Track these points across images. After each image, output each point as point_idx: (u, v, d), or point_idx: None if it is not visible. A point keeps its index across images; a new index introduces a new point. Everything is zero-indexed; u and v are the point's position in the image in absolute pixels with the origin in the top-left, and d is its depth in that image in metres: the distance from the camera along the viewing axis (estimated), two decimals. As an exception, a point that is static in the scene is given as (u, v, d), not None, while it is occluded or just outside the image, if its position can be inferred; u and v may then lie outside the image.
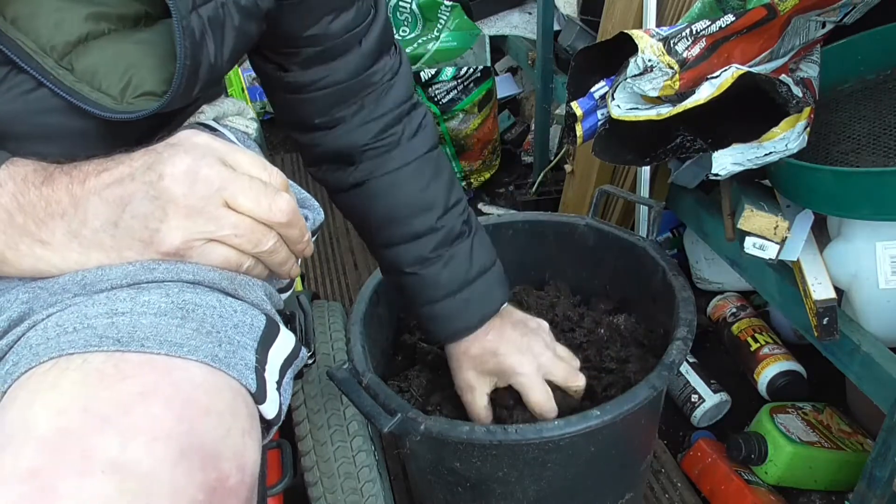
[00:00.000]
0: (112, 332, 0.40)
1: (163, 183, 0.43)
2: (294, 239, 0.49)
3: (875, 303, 0.78)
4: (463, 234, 0.73)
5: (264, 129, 2.23)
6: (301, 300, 0.74)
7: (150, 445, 0.36)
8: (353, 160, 0.70)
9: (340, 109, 0.67)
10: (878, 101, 0.88)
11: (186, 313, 0.42)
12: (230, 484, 0.39)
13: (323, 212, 0.65)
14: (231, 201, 0.45)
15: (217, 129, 0.66)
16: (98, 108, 0.47)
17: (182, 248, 0.45)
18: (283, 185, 0.48)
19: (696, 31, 0.78)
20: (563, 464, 0.73)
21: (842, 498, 1.03)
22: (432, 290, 0.72)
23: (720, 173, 0.77)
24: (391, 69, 0.68)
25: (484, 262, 0.74)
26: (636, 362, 0.84)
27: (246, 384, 0.42)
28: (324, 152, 0.70)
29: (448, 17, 1.76)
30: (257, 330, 0.46)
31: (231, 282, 0.47)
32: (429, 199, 0.71)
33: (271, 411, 0.46)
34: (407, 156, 0.70)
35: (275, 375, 0.47)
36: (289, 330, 0.51)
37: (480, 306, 0.73)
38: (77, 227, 0.44)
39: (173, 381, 0.39)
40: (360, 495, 0.88)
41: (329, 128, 0.68)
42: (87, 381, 0.38)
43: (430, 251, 0.71)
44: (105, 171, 0.44)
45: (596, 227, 0.97)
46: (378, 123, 0.68)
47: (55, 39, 0.46)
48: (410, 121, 0.70)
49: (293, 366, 0.51)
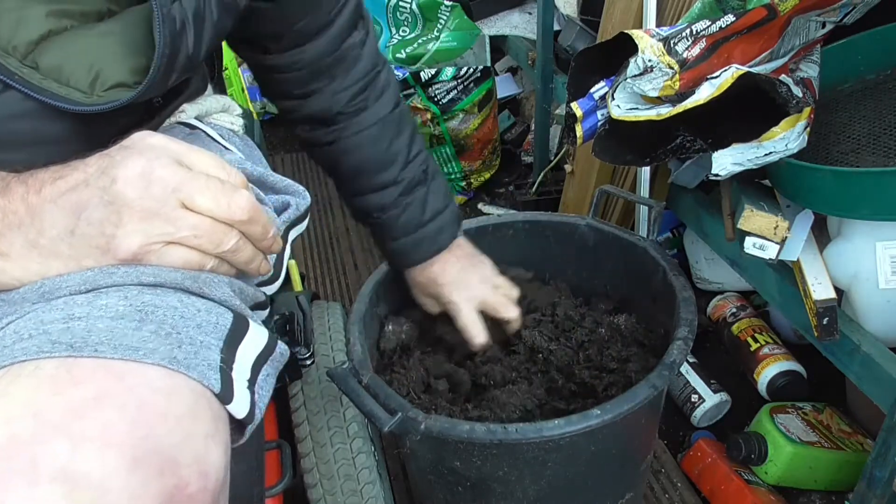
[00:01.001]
0: (66, 338, 0.39)
1: (116, 187, 0.42)
2: (257, 236, 0.48)
3: (875, 303, 0.78)
4: (421, 182, 0.83)
5: (264, 129, 2.23)
6: (301, 300, 0.74)
7: (102, 452, 0.35)
8: (328, 122, 0.78)
9: (315, 83, 0.75)
10: (878, 101, 0.88)
11: (145, 315, 0.41)
12: (190, 490, 0.38)
13: (309, 196, 0.65)
14: (188, 202, 0.44)
15: (197, 128, 0.65)
16: (69, 102, 0.47)
17: (140, 253, 0.44)
18: (242, 183, 0.48)
19: (696, 31, 0.77)
20: (563, 463, 0.73)
21: (842, 498, 1.03)
22: (392, 231, 0.84)
23: (720, 173, 0.77)
24: (360, 42, 0.76)
25: (437, 207, 0.84)
26: (637, 362, 0.84)
27: (209, 385, 0.41)
28: (302, 116, 0.79)
29: (448, 17, 1.76)
30: (223, 328, 0.45)
31: (195, 280, 0.46)
32: (391, 155, 0.80)
33: (241, 411, 0.44)
34: (371, 118, 0.79)
35: (245, 374, 0.46)
36: (273, 325, 0.50)
37: (430, 244, 0.85)
38: (34, 237, 0.43)
39: (128, 385, 0.38)
40: (360, 497, 0.87)
41: (306, 97, 0.76)
42: (39, 387, 0.36)
43: (391, 200, 0.82)
44: (60, 179, 0.44)
45: (596, 227, 0.97)
46: (348, 92, 0.76)
47: (16, 39, 0.46)
48: (375, 86, 0.78)
49: (270, 362, 0.50)
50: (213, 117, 0.70)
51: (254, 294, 0.54)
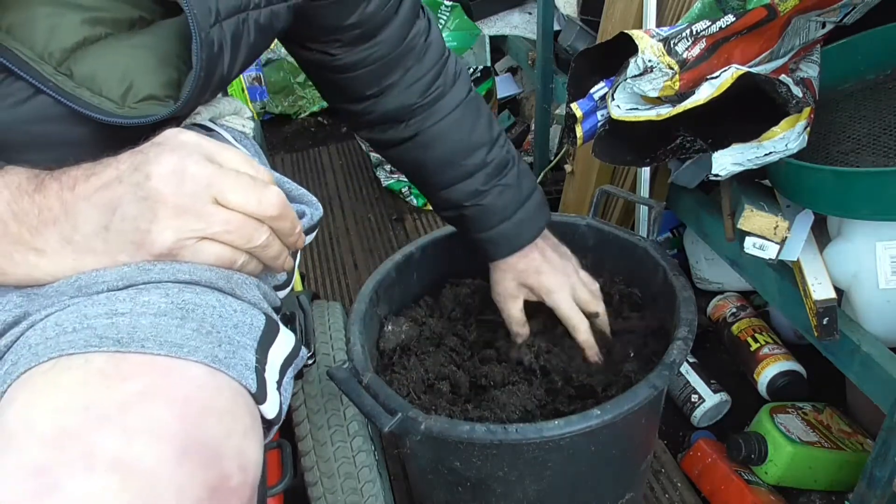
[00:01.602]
0: (112, 333, 0.40)
1: (150, 183, 0.43)
2: (286, 231, 0.49)
3: (875, 303, 0.78)
4: (508, 163, 0.81)
5: (264, 129, 2.23)
6: (301, 300, 0.74)
7: (152, 444, 0.36)
8: (406, 117, 0.76)
9: (389, 78, 0.73)
10: (878, 101, 0.88)
11: (186, 313, 0.42)
12: (232, 484, 0.39)
13: (321, 207, 0.65)
14: (220, 198, 0.44)
15: (213, 130, 0.66)
16: (100, 112, 0.47)
17: (174, 248, 0.44)
18: (271, 179, 0.48)
19: (696, 31, 0.78)
20: (563, 463, 0.73)
21: (842, 498, 1.03)
22: (490, 217, 0.80)
23: (720, 174, 0.77)
24: (425, 30, 0.74)
25: (530, 186, 0.83)
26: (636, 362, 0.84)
27: (246, 384, 0.42)
28: (377, 117, 0.76)
29: (448, 17, 1.76)
30: (257, 330, 0.46)
31: (228, 281, 0.47)
32: (476, 139, 0.78)
33: (272, 411, 0.46)
34: (450, 104, 0.77)
35: (275, 375, 0.47)
36: (288, 329, 0.51)
37: (530, 226, 0.82)
38: (69, 233, 0.44)
39: (174, 381, 0.39)
40: (360, 495, 0.88)
41: (380, 94, 0.74)
42: (88, 380, 0.38)
43: (483, 184, 0.79)
44: (93, 176, 0.44)
45: (596, 227, 0.97)
46: (422, 82, 0.74)
47: (52, 46, 0.46)
48: (447, 72, 0.77)
49: (293, 365, 0.51)
50: (225, 119, 0.70)
51: (273, 299, 0.55)
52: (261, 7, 0.55)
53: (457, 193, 0.80)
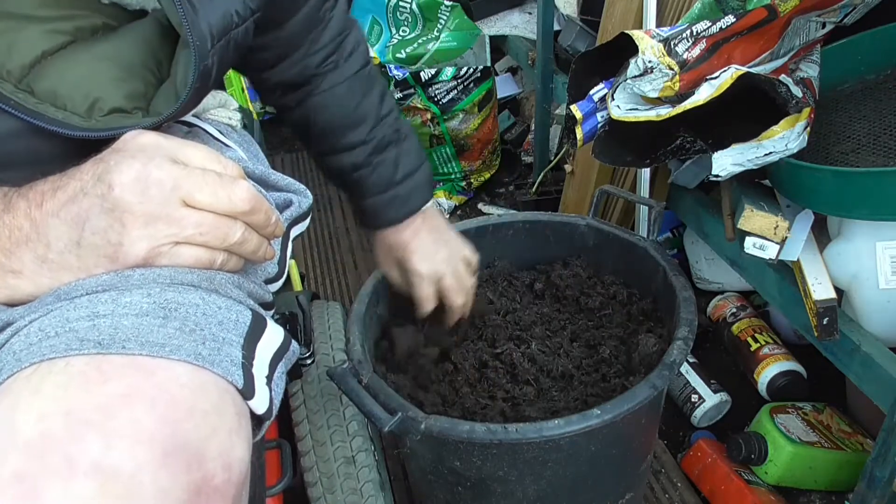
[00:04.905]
0: (93, 335, 0.39)
1: (114, 193, 0.42)
2: (260, 224, 0.48)
3: (875, 303, 0.78)
4: (392, 142, 0.82)
5: (264, 129, 2.22)
6: (301, 300, 0.74)
7: (133, 448, 0.36)
8: (301, 86, 0.78)
9: (291, 52, 0.75)
10: (878, 101, 0.88)
11: (169, 312, 0.42)
12: (215, 483, 0.39)
13: (310, 194, 0.65)
14: (188, 199, 0.44)
15: (195, 125, 0.65)
16: (66, 127, 0.47)
17: (149, 257, 0.44)
18: (239, 173, 0.47)
19: (696, 32, 0.77)
20: (563, 463, 0.73)
21: (842, 498, 1.04)
22: (364, 190, 0.82)
23: (720, 174, 0.77)
24: (331, 6, 0.76)
25: (409, 168, 0.83)
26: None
27: (232, 381, 0.42)
28: (275, 83, 0.78)
29: (448, 17, 1.76)
30: (243, 325, 0.45)
31: (210, 282, 0.46)
32: (361, 114, 0.80)
33: (261, 407, 0.45)
34: (340, 76, 0.78)
35: (264, 370, 0.46)
36: (277, 324, 0.51)
37: (402, 205, 0.83)
38: (43, 251, 0.43)
39: (156, 382, 0.39)
40: (360, 495, 0.87)
41: (278, 64, 0.75)
42: (70, 384, 0.37)
43: (362, 160, 0.80)
44: (59, 190, 0.43)
45: (596, 227, 0.97)
46: (320, 55, 0.76)
47: (10, 64, 0.46)
48: (345, 46, 0.78)
49: (284, 360, 0.50)
50: (210, 113, 0.70)
51: (261, 294, 0.55)
52: (240, 25, 0.55)
53: (338, 162, 0.82)
